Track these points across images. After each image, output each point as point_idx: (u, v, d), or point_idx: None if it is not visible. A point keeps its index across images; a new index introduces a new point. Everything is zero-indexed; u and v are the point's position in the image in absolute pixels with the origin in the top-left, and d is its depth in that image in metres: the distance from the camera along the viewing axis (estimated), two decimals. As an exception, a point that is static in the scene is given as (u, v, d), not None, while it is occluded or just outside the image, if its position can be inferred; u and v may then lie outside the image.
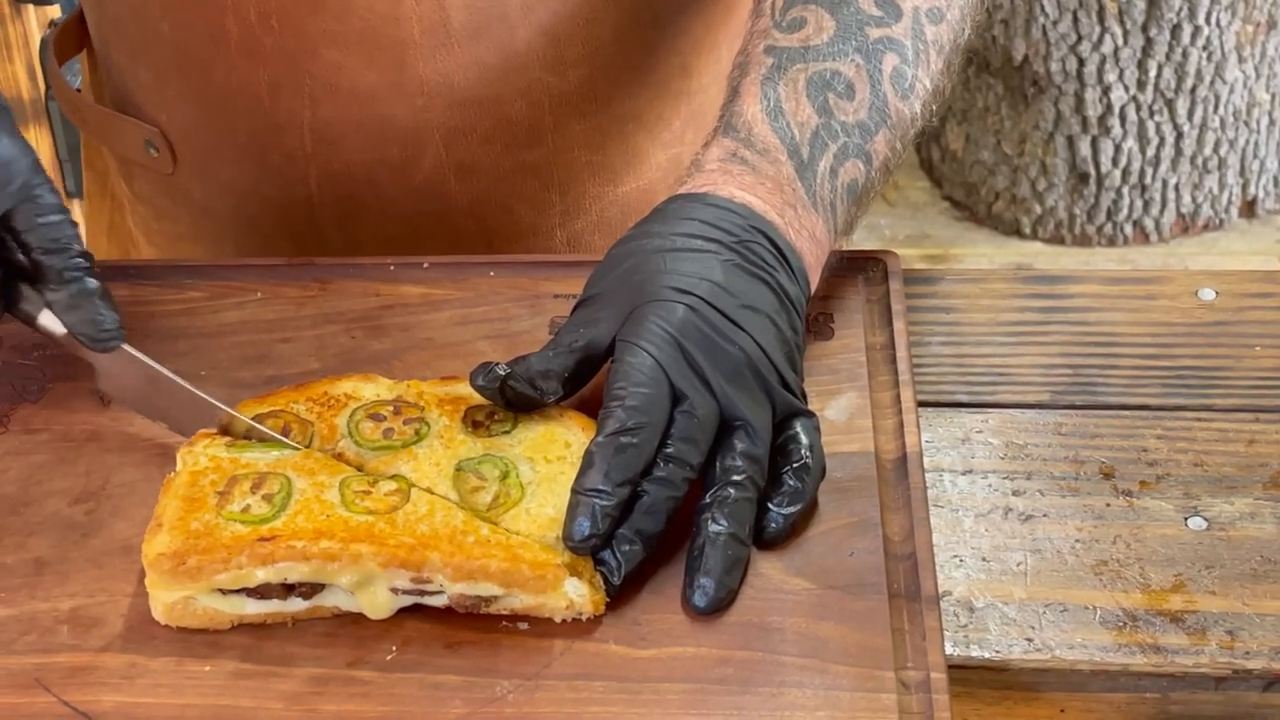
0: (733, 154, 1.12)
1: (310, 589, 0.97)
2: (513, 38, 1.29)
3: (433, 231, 1.35)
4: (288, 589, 0.97)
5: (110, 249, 1.54)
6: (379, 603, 0.97)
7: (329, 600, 0.98)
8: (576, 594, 0.96)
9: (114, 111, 1.41)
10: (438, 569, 0.96)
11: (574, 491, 0.98)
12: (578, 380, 1.05)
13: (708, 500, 1.00)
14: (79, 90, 1.51)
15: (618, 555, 0.98)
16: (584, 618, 0.97)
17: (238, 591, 0.97)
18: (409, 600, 0.98)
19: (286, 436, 1.04)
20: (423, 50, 1.28)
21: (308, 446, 1.04)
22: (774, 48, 1.16)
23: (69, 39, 1.48)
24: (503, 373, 1.04)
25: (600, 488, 0.97)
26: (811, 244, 1.11)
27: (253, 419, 1.05)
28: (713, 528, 0.98)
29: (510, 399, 1.04)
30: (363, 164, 1.33)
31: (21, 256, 1.08)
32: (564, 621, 0.97)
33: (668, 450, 0.99)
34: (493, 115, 1.32)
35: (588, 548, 0.97)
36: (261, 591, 0.97)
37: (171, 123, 1.37)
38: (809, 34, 1.15)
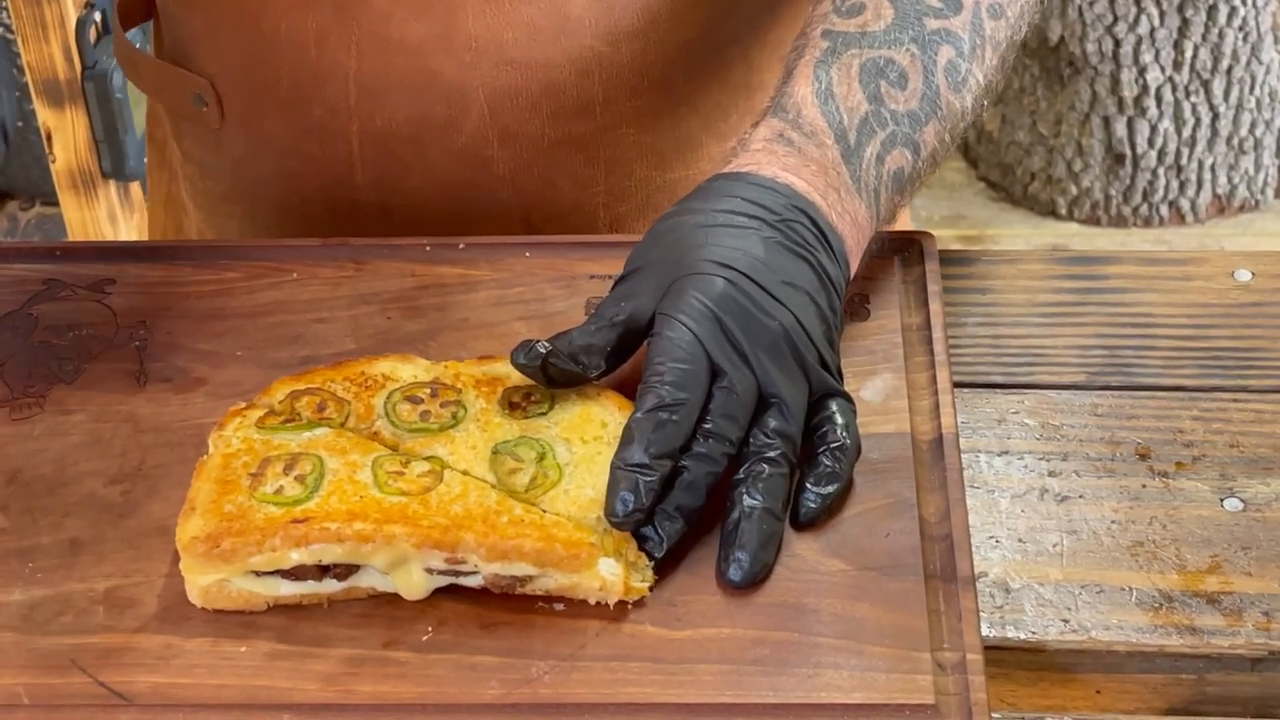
0: (779, 134, 1.12)
1: (345, 570, 0.97)
2: (565, 1, 1.28)
3: (472, 201, 1.34)
4: (322, 570, 0.97)
5: (166, 220, 1.55)
6: (414, 583, 0.97)
7: (364, 581, 0.98)
8: (611, 574, 0.96)
9: (164, 63, 1.41)
10: (471, 549, 0.96)
11: (614, 467, 0.98)
12: (620, 354, 1.05)
13: (741, 475, 1.00)
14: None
15: (659, 531, 0.98)
16: (611, 604, 0.97)
17: (272, 573, 0.97)
18: (444, 581, 0.98)
19: (322, 413, 1.04)
20: (472, 5, 1.27)
21: (343, 425, 1.04)
22: (831, 32, 1.15)
23: (134, 3, 1.48)
24: (544, 350, 1.04)
25: (641, 462, 0.97)
26: (853, 228, 1.11)
27: (288, 395, 1.05)
28: (748, 502, 0.99)
29: (552, 376, 1.04)
30: (405, 121, 1.32)
31: None
32: (599, 603, 0.97)
33: (707, 426, 1.00)
34: (540, 79, 1.31)
35: (631, 522, 0.97)
36: (296, 573, 0.97)
37: (221, 73, 1.37)
38: (867, 20, 1.15)
